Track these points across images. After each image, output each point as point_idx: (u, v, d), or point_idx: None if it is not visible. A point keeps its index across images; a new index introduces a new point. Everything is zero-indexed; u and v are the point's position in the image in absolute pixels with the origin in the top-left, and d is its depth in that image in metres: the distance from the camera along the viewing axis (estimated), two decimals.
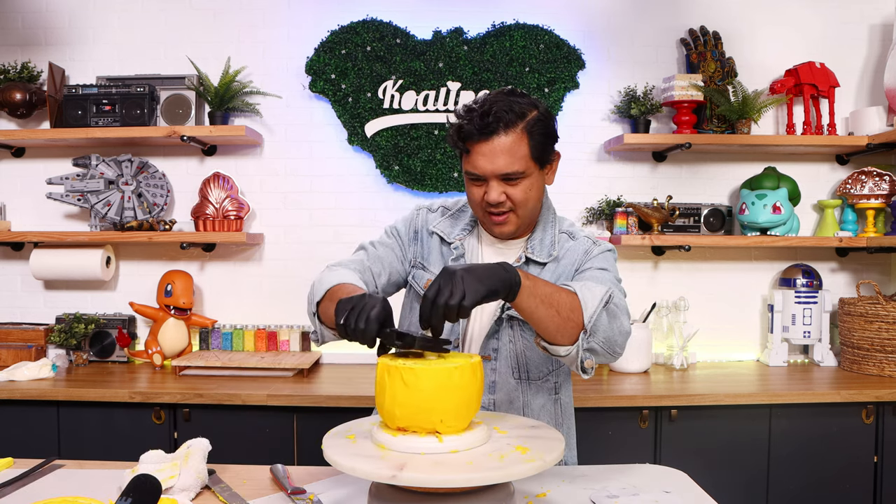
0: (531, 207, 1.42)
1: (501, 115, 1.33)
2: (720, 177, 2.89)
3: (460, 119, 1.37)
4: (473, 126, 1.34)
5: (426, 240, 1.54)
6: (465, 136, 1.35)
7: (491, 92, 1.42)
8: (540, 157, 1.39)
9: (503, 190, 1.37)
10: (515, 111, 1.35)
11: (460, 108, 1.40)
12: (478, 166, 1.36)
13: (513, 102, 1.36)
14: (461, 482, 0.99)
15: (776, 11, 2.86)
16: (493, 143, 1.34)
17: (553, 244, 1.48)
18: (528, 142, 1.36)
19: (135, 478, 1.03)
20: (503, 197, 1.37)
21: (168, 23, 2.81)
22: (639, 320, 2.65)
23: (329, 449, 1.09)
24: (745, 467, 2.31)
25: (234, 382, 2.40)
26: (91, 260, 2.68)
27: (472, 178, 1.39)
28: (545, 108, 1.42)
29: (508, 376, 1.48)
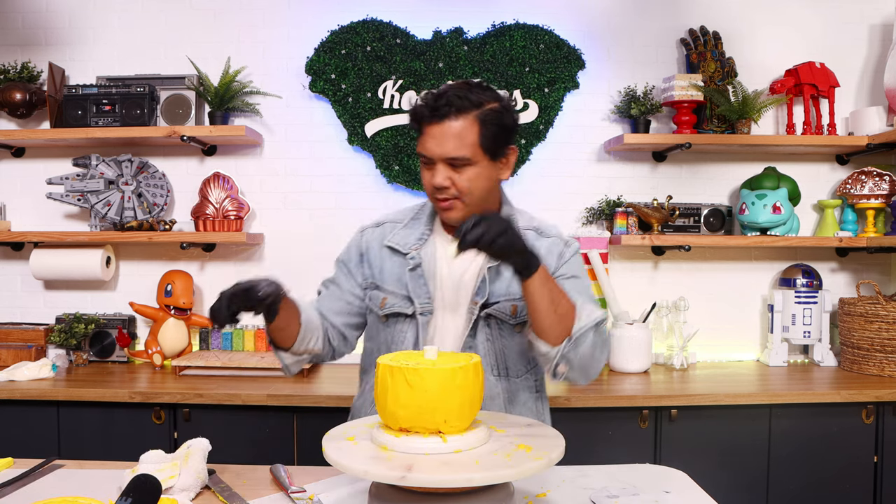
0: (478, 197, 1.42)
1: (454, 101, 1.36)
2: (720, 177, 2.89)
3: (418, 101, 1.41)
4: (427, 107, 1.37)
5: (375, 258, 1.53)
6: (418, 116, 1.39)
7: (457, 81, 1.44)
8: (490, 148, 1.40)
9: (449, 175, 1.38)
10: (471, 100, 1.37)
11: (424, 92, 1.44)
12: (426, 148, 1.38)
13: (471, 92, 1.38)
14: (470, 481, 0.99)
15: (776, 11, 2.86)
16: (444, 126, 1.36)
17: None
18: (478, 130, 1.37)
19: (135, 478, 1.03)
20: (448, 182, 1.38)
21: (168, 23, 2.81)
22: (639, 320, 2.65)
23: (333, 452, 1.09)
24: (745, 467, 2.31)
25: (234, 382, 2.40)
26: (91, 260, 2.68)
27: (424, 162, 1.41)
28: (508, 103, 1.43)
29: (488, 373, 1.48)
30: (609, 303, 2.66)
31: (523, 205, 2.88)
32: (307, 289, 2.88)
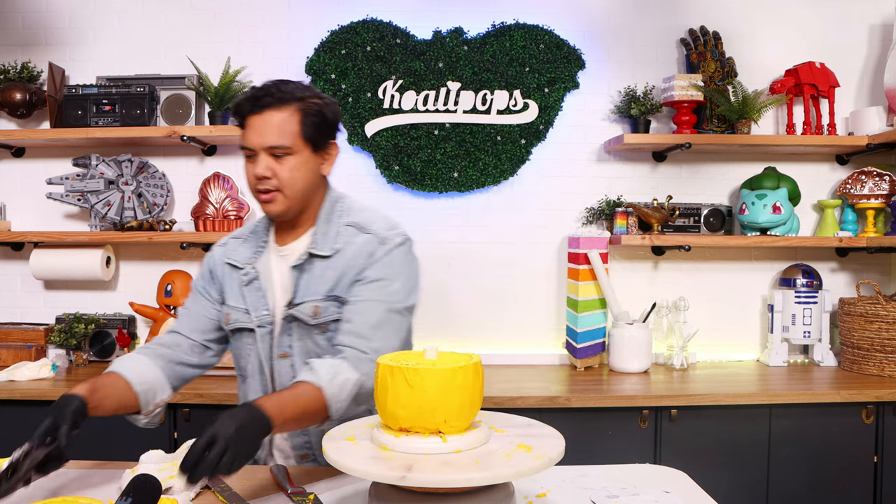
0: (299, 189, 1.44)
1: (275, 93, 1.39)
2: (720, 177, 2.89)
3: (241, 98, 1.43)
4: (248, 101, 1.40)
5: (220, 275, 1.56)
6: (241, 110, 1.41)
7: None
8: (312, 138, 1.43)
9: (269, 165, 1.40)
10: (293, 93, 1.41)
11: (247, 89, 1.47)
12: (248, 139, 1.41)
13: (295, 88, 1.42)
14: (470, 481, 0.99)
15: (776, 11, 2.86)
16: (264, 116, 1.39)
17: (337, 236, 1.47)
18: (300, 119, 1.40)
19: (135, 478, 1.03)
20: (269, 172, 1.40)
21: (168, 23, 2.81)
22: (639, 320, 2.65)
23: (333, 452, 1.09)
24: (745, 467, 2.31)
25: (234, 382, 2.39)
26: (91, 260, 2.68)
27: (247, 155, 1.43)
28: (331, 100, 1.46)
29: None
30: (609, 303, 2.66)
31: (524, 205, 2.90)
32: None
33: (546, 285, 2.85)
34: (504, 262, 2.83)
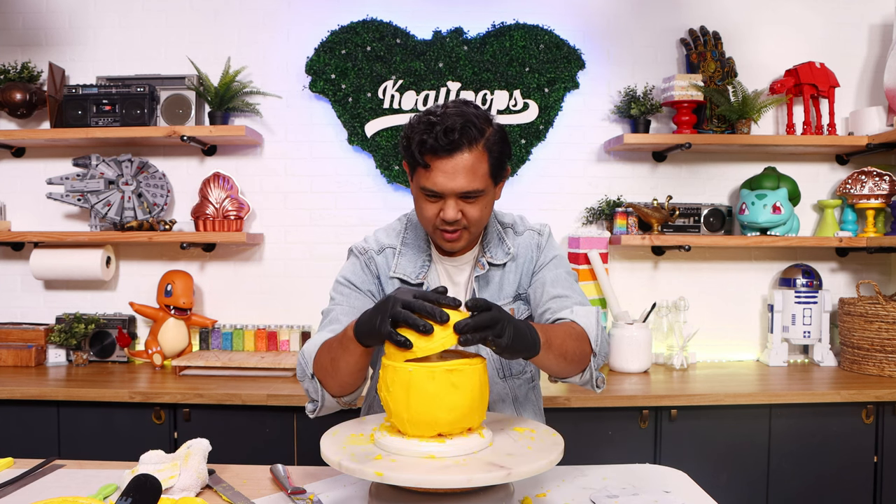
0: (484, 223, 1.42)
1: (466, 131, 1.30)
2: (720, 177, 2.89)
3: (420, 133, 1.31)
4: (438, 142, 1.28)
5: (388, 285, 1.48)
6: (428, 150, 1.30)
7: (447, 103, 1.36)
8: (497, 175, 1.38)
9: (460, 208, 1.35)
10: (477, 126, 1.31)
11: (416, 119, 1.34)
12: (437, 183, 1.32)
13: (473, 116, 1.32)
14: (470, 482, 0.99)
15: (776, 11, 2.86)
16: (456, 160, 1.30)
17: (503, 242, 1.49)
18: (487, 159, 1.33)
19: (135, 478, 1.03)
20: (460, 215, 1.35)
21: (168, 23, 2.81)
22: (639, 320, 2.65)
23: (333, 454, 1.09)
24: (745, 467, 2.31)
25: (234, 382, 2.40)
26: (91, 260, 2.68)
27: (428, 195, 1.35)
28: (498, 123, 1.39)
29: (496, 378, 1.51)
30: (609, 303, 2.66)
31: (524, 205, 2.90)
32: (307, 288, 2.90)
33: None
34: None
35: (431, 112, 1.33)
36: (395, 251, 1.49)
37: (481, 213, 1.37)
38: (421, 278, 1.46)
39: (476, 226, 1.38)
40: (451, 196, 1.33)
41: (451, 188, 1.32)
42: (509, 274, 1.49)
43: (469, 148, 1.31)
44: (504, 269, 1.49)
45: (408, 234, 1.51)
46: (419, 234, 1.50)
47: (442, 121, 1.30)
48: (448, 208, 1.34)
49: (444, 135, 1.28)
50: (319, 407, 1.32)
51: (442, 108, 1.34)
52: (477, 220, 1.37)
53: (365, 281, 1.48)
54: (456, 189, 1.32)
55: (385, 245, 1.51)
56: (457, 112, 1.32)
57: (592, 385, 1.35)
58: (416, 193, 1.38)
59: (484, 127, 1.33)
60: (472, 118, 1.32)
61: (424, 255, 1.48)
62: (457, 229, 1.37)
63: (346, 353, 1.20)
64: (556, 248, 1.53)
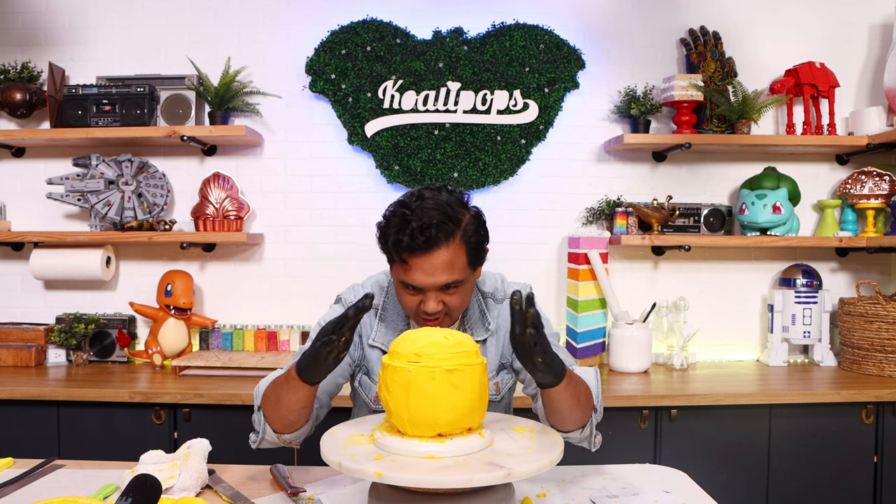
0: (464, 308, 1.42)
1: (442, 227, 1.29)
2: (720, 177, 2.89)
3: (395, 230, 1.31)
4: (415, 240, 1.28)
5: (367, 348, 1.50)
6: (405, 249, 1.30)
7: (419, 191, 1.36)
8: (474, 263, 1.38)
9: (440, 299, 1.35)
10: (453, 219, 1.31)
11: (391, 213, 1.34)
12: (416, 280, 1.32)
13: (446, 207, 1.31)
14: (470, 482, 0.99)
15: (776, 11, 2.86)
16: (433, 257, 1.30)
17: (485, 315, 1.50)
18: (465, 251, 1.34)
19: (135, 478, 1.03)
20: (441, 306, 1.36)
21: (168, 23, 2.81)
22: (639, 320, 2.65)
23: (333, 455, 1.09)
24: (745, 467, 2.31)
25: (234, 382, 2.40)
26: (91, 260, 2.68)
27: (408, 288, 1.35)
28: (474, 208, 1.40)
29: None
30: (609, 303, 2.66)
31: (524, 205, 2.90)
32: (306, 288, 2.90)
33: (546, 285, 2.85)
34: (504, 262, 2.83)
35: (406, 205, 1.33)
36: (375, 312, 1.50)
37: (462, 299, 1.39)
38: None
39: (457, 311, 1.40)
40: (432, 290, 1.34)
41: (431, 283, 1.32)
42: (490, 348, 1.50)
43: (446, 243, 1.30)
44: (485, 344, 1.50)
45: (388, 299, 1.51)
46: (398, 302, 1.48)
47: (417, 216, 1.29)
48: (429, 301, 1.35)
49: (421, 233, 1.28)
50: (259, 439, 1.37)
51: (417, 199, 1.33)
52: (458, 307, 1.39)
53: None
54: (436, 284, 1.32)
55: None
56: (433, 205, 1.31)
57: (591, 442, 1.35)
58: (396, 284, 1.39)
59: (460, 217, 1.33)
60: (447, 210, 1.31)
61: (403, 325, 1.49)
62: (438, 317, 1.38)
63: (290, 391, 1.26)
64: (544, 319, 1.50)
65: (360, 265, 2.71)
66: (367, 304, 1.15)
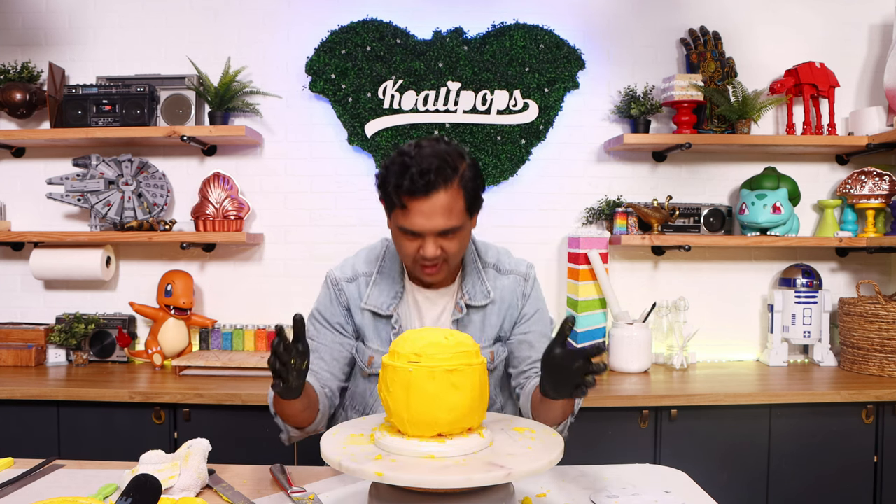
0: (461, 255, 1.46)
1: (441, 172, 1.33)
2: (720, 177, 2.89)
3: (395, 175, 1.34)
4: (414, 184, 1.32)
5: (357, 314, 1.53)
6: (405, 192, 1.33)
7: (417, 141, 1.39)
8: (472, 209, 1.41)
9: (439, 244, 1.38)
10: (451, 165, 1.34)
11: (390, 161, 1.37)
12: (416, 224, 1.35)
13: (446, 154, 1.35)
14: (469, 482, 0.99)
15: (776, 11, 2.86)
16: (433, 200, 1.33)
17: (484, 284, 1.52)
18: (463, 196, 1.37)
19: (135, 478, 1.03)
20: (439, 251, 1.38)
21: (168, 23, 2.81)
22: (639, 320, 2.65)
23: (333, 454, 1.09)
24: (745, 467, 2.31)
25: (234, 382, 2.40)
26: (91, 260, 2.68)
27: (407, 234, 1.38)
28: (470, 156, 1.43)
29: None
30: (609, 303, 2.66)
31: (524, 205, 2.90)
32: (306, 288, 2.89)
33: (546, 285, 2.84)
34: None
35: (405, 153, 1.36)
36: (368, 280, 1.53)
37: (459, 245, 1.42)
38: (391, 310, 1.50)
39: (455, 258, 1.43)
40: (430, 234, 1.37)
41: (430, 227, 1.35)
42: (491, 317, 1.53)
43: (445, 187, 1.34)
44: (485, 311, 1.53)
45: (384, 263, 1.54)
46: (395, 263, 1.53)
47: (417, 162, 1.33)
48: (427, 246, 1.38)
49: (420, 176, 1.31)
50: (288, 437, 1.47)
51: (415, 147, 1.37)
52: (456, 253, 1.42)
53: (334, 314, 1.54)
54: (434, 228, 1.36)
55: (360, 273, 1.54)
56: (431, 152, 1.34)
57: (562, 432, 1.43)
58: (395, 231, 1.42)
59: (458, 164, 1.36)
60: (446, 157, 1.35)
61: (398, 286, 1.51)
62: (436, 263, 1.41)
63: (284, 405, 1.36)
64: (540, 297, 1.58)
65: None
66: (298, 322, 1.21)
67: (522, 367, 1.53)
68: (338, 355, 1.54)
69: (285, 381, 1.19)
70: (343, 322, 1.54)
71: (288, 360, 1.17)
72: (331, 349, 1.53)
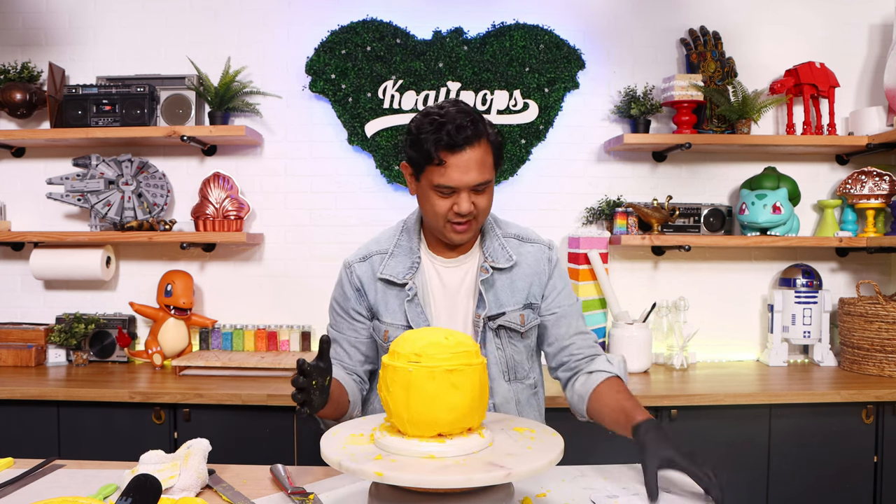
0: (489, 213, 1.51)
1: (475, 126, 1.38)
2: (720, 177, 2.89)
3: (431, 132, 1.38)
4: (452, 139, 1.36)
5: (370, 291, 1.54)
6: (444, 147, 1.37)
7: (438, 104, 1.44)
8: (497, 166, 1.47)
9: (473, 200, 1.42)
10: (480, 120, 1.41)
11: (419, 121, 1.41)
12: (453, 179, 1.39)
13: (472, 112, 1.41)
14: (469, 482, 0.99)
15: (776, 11, 2.86)
16: (468, 154, 1.38)
17: (505, 248, 1.54)
18: (491, 151, 1.43)
19: (135, 478, 1.03)
20: (472, 207, 1.42)
21: (168, 23, 2.81)
22: (639, 320, 2.65)
23: (333, 454, 1.09)
24: (745, 467, 2.31)
25: (234, 382, 2.40)
26: (91, 260, 2.68)
27: (442, 191, 1.41)
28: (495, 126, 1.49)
29: (501, 380, 1.54)
30: (609, 303, 2.66)
31: (524, 205, 2.90)
32: (307, 288, 2.90)
33: None
34: None
35: (433, 113, 1.41)
36: (384, 255, 1.55)
37: (488, 202, 1.46)
38: (407, 279, 1.51)
39: (483, 215, 1.46)
40: (465, 189, 1.40)
41: (466, 181, 1.39)
42: (518, 281, 1.53)
43: (478, 141, 1.39)
44: (511, 275, 1.53)
45: (402, 237, 1.56)
46: (412, 237, 1.55)
47: (450, 119, 1.37)
48: (462, 201, 1.41)
49: (457, 132, 1.36)
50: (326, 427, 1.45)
51: (440, 108, 1.41)
52: (485, 209, 1.46)
53: (346, 299, 1.56)
54: (470, 182, 1.39)
55: (374, 251, 1.57)
56: (458, 110, 1.39)
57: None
58: (426, 192, 1.44)
59: (484, 121, 1.43)
60: (474, 114, 1.40)
61: (414, 257, 1.53)
62: (468, 220, 1.44)
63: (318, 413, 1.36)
64: (564, 273, 1.61)
65: None
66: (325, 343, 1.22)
67: (563, 343, 1.55)
68: (355, 341, 1.56)
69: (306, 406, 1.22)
70: (355, 305, 1.55)
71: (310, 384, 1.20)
72: (348, 337, 1.56)
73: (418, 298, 1.50)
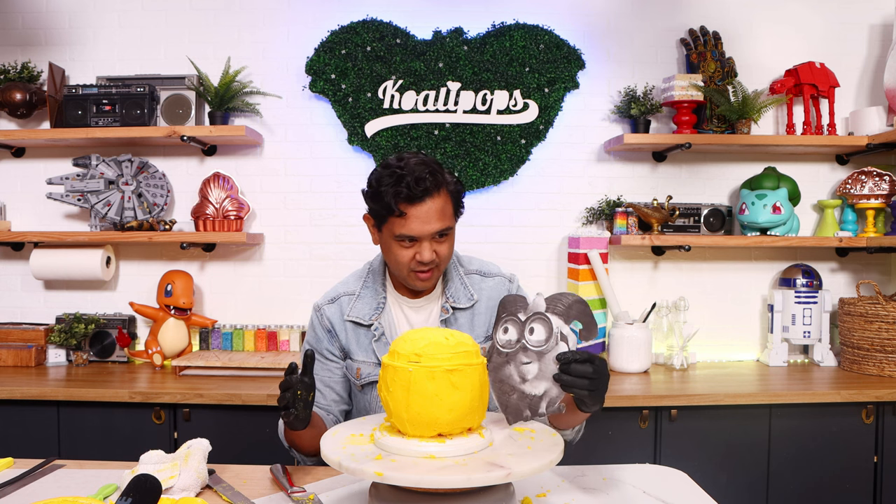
0: (450, 259, 1.55)
1: (434, 178, 1.44)
2: (720, 177, 2.89)
3: (390, 185, 1.42)
4: (412, 191, 1.42)
5: (341, 332, 1.61)
6: (403, 199, 1.42)
7: (398, 155, 1.49)
8: (457, 212, 1.53)
9: (433, 248, 1.47)
10: (438, 171, 1.46)
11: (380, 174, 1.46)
12: (413, 229, 1.44)
13: (430, 164, 1.46)
14: (469, 482, 0.99)
15: (776, 11, 2.86)
16: (428, 205, 1.44)
17: (467, 287, 1.60)
18: (451, 200, 1.49)
19: (135, 478, 1.03)
20: (434, 255, 1.47)
21: (168, 23, 2.81)
22: (639, 320, 2.65)
23: (333, 454, 1.09)
24: (745, 467, 2.31)
25: (234, 382, 2.40)
26: (91, 260, 2.68)
27: (403, 240, 1.46)
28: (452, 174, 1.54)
29: None
30: (609, 303, 2.66)
31: (524, 205, 2.90)
32: (306, 288, 2.90)
33: (546, 285, 2.85)
34: (504, 261, 2.83)
35: (393, 165, 1.46)
36: (352, 297, 1.62)
37: (449, 249, 1.52)
38: (373, 319, 1.58)
39: (445, 261, 1.52)
40: (426, 238, 1.46)
41: (427, 231, 1.45)
42: (478, 316, 1.60)
43: (437, 192, 1.45)
44: (473, 311, 1.59)
45: (368, 279, 1.64)
46: (377, 279, 1.63)
47: (409, 171, 1.43)
48: (424, 250, 1.47)
49: (416, 184, 1.42)
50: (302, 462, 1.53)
51: (400, 160, 1.47)
52: (447, 257, 1.52)
53: (320, 341, 1.63)
54: (431, 231, 1.45)
55: (342, 293, 1.64)
56: (418, 162, 1.45)
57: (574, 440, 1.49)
58: (389, 242, 1.50)
59: (443, 172, 1.49)
60: (433, 165, 1.46)
61: (380, 298, 1.60)
62: (430, 268, 1.50)
63: (295, 437, 1.43)
64: None
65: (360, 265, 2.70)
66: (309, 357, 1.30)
67: None
68: (329, 381, 1.62)
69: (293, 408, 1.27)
70: (328, 346, 1.62)
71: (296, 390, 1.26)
72: (322, 377, 1.62)
73: (385, 338, 1.56)
